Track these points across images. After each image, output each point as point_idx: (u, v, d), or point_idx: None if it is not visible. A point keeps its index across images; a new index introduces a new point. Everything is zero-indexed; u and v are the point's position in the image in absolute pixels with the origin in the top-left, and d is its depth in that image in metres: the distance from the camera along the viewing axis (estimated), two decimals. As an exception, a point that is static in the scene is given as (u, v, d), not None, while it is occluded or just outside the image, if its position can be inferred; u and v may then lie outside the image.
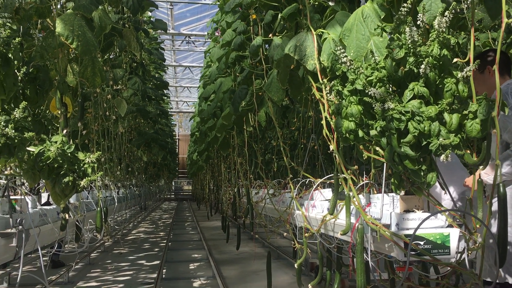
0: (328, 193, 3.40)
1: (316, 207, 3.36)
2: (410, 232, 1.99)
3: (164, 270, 6.80)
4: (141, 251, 8.79)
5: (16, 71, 1.84)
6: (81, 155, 1.88)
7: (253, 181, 6.74)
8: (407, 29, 1.93)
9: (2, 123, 1.70)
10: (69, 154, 1.81)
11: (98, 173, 1.85)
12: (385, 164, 2.37)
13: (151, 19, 7.40)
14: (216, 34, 7.61)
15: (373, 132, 2.12)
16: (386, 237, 1.99)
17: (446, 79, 2.04)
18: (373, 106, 1.99)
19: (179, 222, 15.23)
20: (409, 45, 1.98)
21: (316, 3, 3.14)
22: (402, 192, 2.30)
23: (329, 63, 2.51)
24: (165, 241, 10.09)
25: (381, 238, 2.03)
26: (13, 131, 1.68)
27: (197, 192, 23.31)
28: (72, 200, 3.67)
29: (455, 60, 2.00)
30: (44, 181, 1.89)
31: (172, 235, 11.38)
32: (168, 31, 16.04)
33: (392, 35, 2.19)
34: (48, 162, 1.77)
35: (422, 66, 1.94)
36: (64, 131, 2.36)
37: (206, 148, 10.21)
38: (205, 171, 14.49)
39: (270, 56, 3.21)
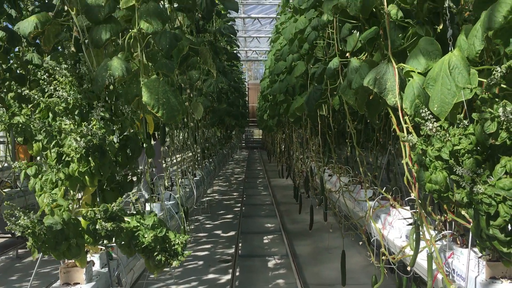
0: (406, 213, 3.36)
1: (394, 227, 3.35)
2: (496, 306, 1.96)
3: (240, 244, 7.12)
4: (216, 218, 9.21)
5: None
6: (171, 235, 2.01)
7: (324, 158, 6.73)
8: (501, 109, 1.81)
9: (102, 215, 1.85)
10: (160, 238, 1.95)
11: (186, 254, 1.98)
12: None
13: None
14: (288, 10, 7.43)
15: (459, 198, 2.06)
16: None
17: (542, 153, 1.92)
18: (461, 184, 1.93)
19: (251, 179, 15.62)
20: (503, 121, 1.87)
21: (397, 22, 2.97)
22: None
23: (412, 111, 2.41)
24: (239, 205, 10.49)
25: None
26: (112, 223, 1.83)
27: (267, 145, 23.61)
28: (156, 210, 3.92)
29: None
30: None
31: (245, 196, 11.78)
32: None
33: (481, 95, 2.06)
34: (142, 246, 1.93)
35: (516, 146, 1.84)
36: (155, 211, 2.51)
37: (278, 114, 10.26)
38: (276, 131, 14.59)
39: (348, 80, 3.12)
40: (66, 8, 2.34)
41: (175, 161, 5.59)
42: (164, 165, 4.86)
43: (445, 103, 2.21)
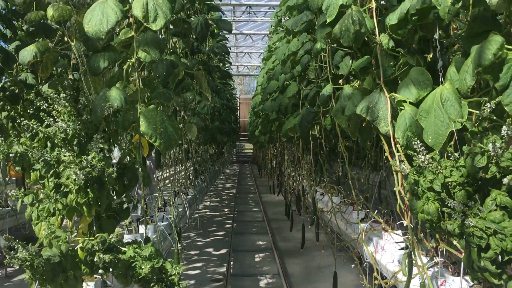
0: (398, 237, 3.40)
1: (386, 251, 3.38)
2: (487, 337, 2.00)
3: (232, 263, 7.11)
4: (208, 235, 9.18)
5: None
6: (168, 266, 2.03)
7: (316, 177, 6.77)
8: (490, 145, 1.86)
9: (100, 246, 1.87)
10: (157, 269, 1.97)
11: (182, 285, 2.00)
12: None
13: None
14: (282, 30, 7.52)
15: (450, 228, 2.11)
16: None
17: (531, 185, 1.97)
18: (453, 216, 1.98)
19: (242, 195, 15.61)
20: (492, 155, 1.92)
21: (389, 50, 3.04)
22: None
23: (404, 141, 2.47)
24: (230, 221, 10.47)
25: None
26: (109, 255, 1.85)
27: (258, 160, 23.64)
28: (150, 233, 3.92)
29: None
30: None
31: (236, 213, 11.76)
32: (229, 3, 16.00)
33: (470, 129, 2.12)
34: (139, 277, 1.94)
35: (505, 180, 1.89)
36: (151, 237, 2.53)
37: (269, 131, 10.32)
38: (267, 147, 14.63)
39: (341, 106, 3.18)
40: (65, 39, 2.38)
41: (167, 174, 5.59)
42: (156, 180, 4.87)
43: (439, 134, 2.27)
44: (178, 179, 6.23)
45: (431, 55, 3.07)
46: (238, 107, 27.38)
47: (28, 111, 4.42)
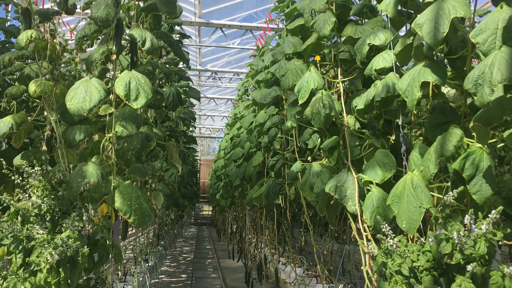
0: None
1: (351, 329, 3.38)
2: None
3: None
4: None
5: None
6: None
7: (279, 247, 6.77)
8: (455, 233, 1.98)
9: (69, 330, 1.82)
10: None
11: None
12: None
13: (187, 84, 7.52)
14: (248, 98, 7.76)
15: (418, 312, 2.16)
16: None
17: (492, 271, 2.07)
18: (420, 301, 2.04)
19: (201, 259, 15.25)
20: (457, 243, 2.02)
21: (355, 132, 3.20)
22: None
23: (372, 222, 2.56)
24: (188, 290, 10.16)
25: None
26: None
27: (217, 223, 23.32)
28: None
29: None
30: None
31: (194, 279, 11.44)
32: (195, 68, 16.40)
33: (434, 215, 2.24)
34: None
35: (469, 267, 1.98)
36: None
37: (232, 196, 10.32)
38: (228, 211, 14.54)
39: (309, 182, 3.28)
40: (45, 113, 2.40)
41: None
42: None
43: (413, 220, 2.34)
44: (140, 246, 6.09)
45: (393, 137, 3.25)
46: (198, 169, 27.29)
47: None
